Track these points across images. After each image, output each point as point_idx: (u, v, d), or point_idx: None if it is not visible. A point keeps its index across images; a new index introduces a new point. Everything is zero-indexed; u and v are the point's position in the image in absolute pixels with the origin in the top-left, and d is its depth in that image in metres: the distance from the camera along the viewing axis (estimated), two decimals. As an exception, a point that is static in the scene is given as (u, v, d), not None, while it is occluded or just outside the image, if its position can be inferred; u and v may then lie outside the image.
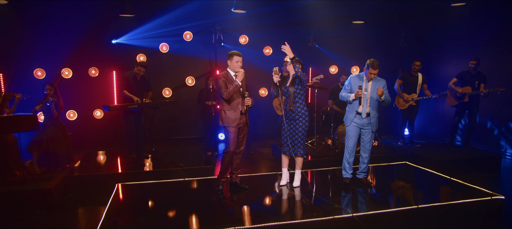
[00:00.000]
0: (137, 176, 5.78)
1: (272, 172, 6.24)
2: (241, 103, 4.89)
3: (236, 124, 4.88)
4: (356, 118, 5.18)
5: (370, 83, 5.12)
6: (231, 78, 4.85)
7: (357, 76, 5.22)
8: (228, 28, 9.00)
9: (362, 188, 5.21)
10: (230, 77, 4.85)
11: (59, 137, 5.80)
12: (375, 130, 5.22)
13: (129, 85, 6.45)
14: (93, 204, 5.14)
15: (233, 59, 4.84)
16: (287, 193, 5.09)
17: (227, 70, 4.91)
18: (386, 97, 5.09)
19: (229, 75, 4.87)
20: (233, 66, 4.86)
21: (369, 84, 5.13)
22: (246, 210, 4.50)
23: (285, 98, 5.03)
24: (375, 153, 6.98)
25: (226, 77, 4.84)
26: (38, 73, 8.02)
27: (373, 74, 5.02)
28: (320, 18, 9.16)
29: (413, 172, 6.22)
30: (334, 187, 5.47)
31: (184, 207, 4.62)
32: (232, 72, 4.89)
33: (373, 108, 5.16)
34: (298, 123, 5.02)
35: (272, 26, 9.08)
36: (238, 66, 4.84)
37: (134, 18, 8.41)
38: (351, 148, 5.27)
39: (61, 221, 4.61)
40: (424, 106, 9.13)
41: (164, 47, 8.81)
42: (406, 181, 5.89)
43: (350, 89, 5.21)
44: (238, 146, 5.01)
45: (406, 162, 6.63)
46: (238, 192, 5.04)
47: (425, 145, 8.00)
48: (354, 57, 9.69)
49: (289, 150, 5.04)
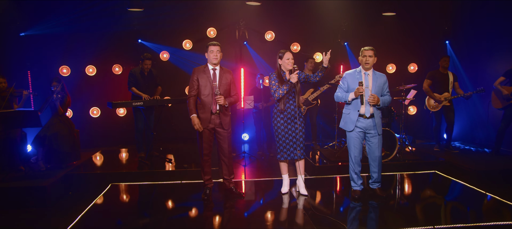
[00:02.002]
0: (135, 176, 5.60)
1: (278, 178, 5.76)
2: (213, 102, 4.46)
3: (206, 126, 4.47)
4: (359, 121, 4.51)
5: (371, 78, 4.47)
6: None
7: (353, 72, 4.58)
8: (253, 24, 8.63)
9: (376, 201, 4.57)
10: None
11: (64, 134, 5.74)
12: (380, 132, 4.52)
13: (137, 82, 6.27)
14: (88, 204, 4.96)
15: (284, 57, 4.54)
16: (286, 202, 4.60)
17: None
18: (382, 100, 4.46)
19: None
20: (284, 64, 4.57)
21: (369, 78, 4.48)
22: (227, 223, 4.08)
23: (288, 96, 4.54)
24: (405, 160, 6.24)
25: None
26: (64, 70, 8.16)
27: (368, 56, 4.38)
28: (347, 12, 8.53)
29: (441, 184, 5.44)
30: (343, 199, 4.85)
31: (159, 213, 4.33)
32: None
33: (376, 108, 4.49)
34: (299, 121, 4.54)
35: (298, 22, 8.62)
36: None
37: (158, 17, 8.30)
38: (356, 157, 4.59)
39: (44, 220, 4.41)
40: (468, 107, 8.18)
41: (188, 44, 8.63)
42: (431, 194, 5.12)
43: (347, 87, 4.57)
44: (209, 150, 4.62)
45: (435, 171, 5.84)
46: (232, 199, 4.64)
47: (465, 151, 7.05)
48: (387, 55, 8.89)
49: (292, 153, 4.55)
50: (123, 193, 5.14)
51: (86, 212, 4.39)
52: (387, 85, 4.53)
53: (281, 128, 4.55)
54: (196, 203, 4.60)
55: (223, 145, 4.60)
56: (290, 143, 4.55)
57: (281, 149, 4.60)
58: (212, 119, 4.48)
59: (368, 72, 4.49)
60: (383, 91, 4.50)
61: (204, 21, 8.56)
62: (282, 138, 4.57)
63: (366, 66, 4.43)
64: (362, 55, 4.45)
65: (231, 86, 4.63)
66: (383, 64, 8.96)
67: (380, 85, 4.45)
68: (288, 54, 4.50)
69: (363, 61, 4.43)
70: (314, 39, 8.75)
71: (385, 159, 6.05)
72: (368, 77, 4.47)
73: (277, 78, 4.54)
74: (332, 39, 8.73)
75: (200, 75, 4.47)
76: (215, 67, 4.51)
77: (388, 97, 4.52)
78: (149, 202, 4.85)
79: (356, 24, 8.66)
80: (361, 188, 4.70)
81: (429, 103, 6.95)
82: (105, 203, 4.78)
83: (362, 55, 4.44)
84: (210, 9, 8.45)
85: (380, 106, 4.42)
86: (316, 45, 8.72)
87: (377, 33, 8.73)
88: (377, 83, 4.43)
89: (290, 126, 4.54)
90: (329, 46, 6.12)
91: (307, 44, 8.77)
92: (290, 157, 4.57)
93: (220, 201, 4.66)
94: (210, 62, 4.48)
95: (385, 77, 4.53)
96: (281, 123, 4.55)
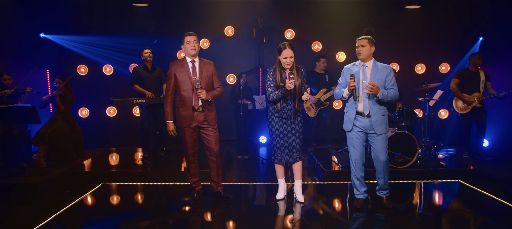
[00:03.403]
0: (129, 176, 5.42)
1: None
2: (194, 98, 4.10)
3: (188, 123, 4.10)
4: (357, 120, 4.00)
5: (369, 70, 3.95)
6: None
7: (352, 65, 4.09)
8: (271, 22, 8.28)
9: (383, 213, 4.03)
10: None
11: (65, 132, 5.65)
12: (380, 132, 3.95)
13: (140, 79, 6.08)
14: (96, 204, 4.77)
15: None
16: (278, 209, 4.18)
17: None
18: (385, 94, 3.87)
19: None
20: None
21: (367, 71, 3.96)
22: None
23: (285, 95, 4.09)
24: (426, 167, 5.60)
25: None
26: (81, 70, 8.20)
27: (361, 45, 3.90)
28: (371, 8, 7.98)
29: (464, 195, 4.81)
30: (346, 208, 4.33)
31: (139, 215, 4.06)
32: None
33: (376, 103, 3.94)
34: (297, 120, 4.13)
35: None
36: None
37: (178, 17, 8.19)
38: (356, 160, 4.08)
39: (25, 217, 4.24)
40: (504, 108, 7.34)
41: (205, 43, 8.43)
42: (450, 206, 4.49)
43: (345, 82, 4.07)
44: (194, 150, 4.26)
45: (459, 181, 5.19)
46: (220, 205, 4.28)
47: (499, 159, 6.26)
48: (415, 54, 8.22)
49: (287, 156, 4.14)
50: (110, 192, 4.96)
51: (65, 210, 4.21)
52: (391, 77, 3.96)
53: (276, 127, 4.15)
54: (179, 207, 4.34)
55: (209, 144, 4.25)
56: (284, 145, 4.13)
57: (276, 150, 4.19)
58: (194, 116, 4.13)
59: (367, 63, 3.99)
60: (386, 84, 3.94)
61: (222, 19, 8.33)
62: (276, 138, 4.16)
63: (358, 56, 3.96)
64: (356, 46, 3.98)
65: (214, 78, 4.27)
66: (411, 65, 8.31)
67: (381, 78, 3.91)
68: (286, 52, 3.99)
69: (357, 52, 3.96)
70: (337, 37, 8.26)
71: (403, 165, 5.48)
72: (367, 69, 3.97)
73: (274, 77, 4.12)
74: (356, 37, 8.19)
75: (177, 70, 4.12)
76: (194, 59, 4.15)
77: (393, 91, 3.93)
78: (134, 203, 4.64)
79: (380, 20, 8.08)
80: (365, 196, 4.18)
81: (457, 105, 6.26)
82: (87, 201, 4.62)
83: (356, 46, 3.98)
84: (227, 8, 8.24)
85: (380, 98, 3.85)
86: (339, 44, 8.23)
87: (402, 30, 8.12)
88: (378, 76, 3.90)
89: (286, 126, 4.12)
90: (352, 44, 5.64)
91: (329, 42, 8.30)
92: (284, 159, 4.15)
93: (207, 206, 4.32)
94: (188, 54, 4.13)
95: (390, 69, 3.98)
96: (276, 121, 4.15)
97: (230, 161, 6.88)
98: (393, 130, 5.58)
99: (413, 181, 5.29)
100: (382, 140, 3.98)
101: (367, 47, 3.91)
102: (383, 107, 3.99)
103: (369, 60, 3.98)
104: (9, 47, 6.98)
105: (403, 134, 5.51)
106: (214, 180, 4.36)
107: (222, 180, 4.46)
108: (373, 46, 3.95)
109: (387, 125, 4.02)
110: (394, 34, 8.21)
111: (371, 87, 3.79)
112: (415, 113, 5.84)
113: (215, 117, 4.24)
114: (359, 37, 4.01)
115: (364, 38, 3.95)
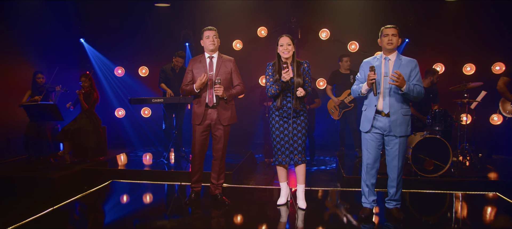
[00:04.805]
0: (135, 174, 5.46)
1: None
2: (209, 93, 3.93)
3: (200, 121, 3.94)
4: (377, 120, 3.58)
5: (392, 64, 3.51)
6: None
7: (373, 59, 3.68)
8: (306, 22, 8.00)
9: (392, 223, 3.59)
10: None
11: (88, 129, 5.82)
12: (400, 134, 3.50)
13: (167, 79, 6.15)
14: (89, 201, 4.83)
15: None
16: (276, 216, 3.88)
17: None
18: (411, 88, 3.40)
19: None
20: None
21: (389, 65, 3.52)
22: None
23: (285, 92, 3.82)
24: (460, 176, 4.98)
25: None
26: (119, 71, 8.53)
27: (391, 34, 3.45)
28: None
29: (497, 209, 4.17)
30: (351, 219, 3.88)
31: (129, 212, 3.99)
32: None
33: (398, 100, 3.49)
34: (300, 120, 3.83)
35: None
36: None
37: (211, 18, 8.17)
38: (369, 165, 3.66)
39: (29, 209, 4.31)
40: None
41: (238, 44, 8.36)
42: (477, 221, 3.88)
43: (364, 78, 3.65)
44: (203, 149, 4.08)
45: (496, 193, 4.51)
46: (218, 208, 4.07)
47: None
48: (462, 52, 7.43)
49: (287, 158, 3.85)
50: (115, 189, 4.99)
51: (65, 204, 4.31)
52: (416, 72, 3.50)
53: (276, 127, 3.88)
54: (173, 208, 4.25)
55: (216, 144, 4.07)
56: (285, 145, 3.85)
57: (276, 151, 3.91)
58: (208, 113, 3.97)
59: (390, 56, 3.56)
60: (411, 80, 3.49)
61: (255, 20, 8.21)
62: (276, 139, 3.89)
63: (388, 46, 3.49)
64: (383, 35, 3.52)
65: (233, 75, 4.08)
66: (458, 65, 7.52)
67: (404, 73, 3.45)
68: (283, 39, 3.74)
69: (385, 42, 3.49)
70: (374, 37, 7.71)
71: (434, 174, 4.91)
72: (389, 63, 3.54)
73: (273, 71, 3.86)
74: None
75: (195, 65, 4.02)
76: (212, 55, 4.02)
77: (419, 87, 3.47)
78: (133, 201, 4.62)
79: (421, 17, 7.44)
80: (373, 206, 3.75)
81: (505, 107, 5.51)
82: (92, 197, 4.67)
83: (383, 35, 3.52)
84: (260, 9, 8.11)
85: (405, 91, 3.38)
86: (377, 44, 7.67)
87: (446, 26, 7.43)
88: (401, 71, 3.45)
89: (287, 125, 3.83)
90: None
91: (367, 42, 7.80)
92: (285, 161, 3.86)
93: (203, 209, 4.15)
94: (207, 49, 4.00)
95: (415, 63, 3.52)
96: (276, 121, 3.88)
97: (253, 164, 6.69)
98: (423, 134, 5.04)
99: (444, 191, 4.71)
100: (401, 143, 3.54)
101: (397, 37, 3.51)
102: (406, 106, 3.54)
103: (392, 52, 3.58)
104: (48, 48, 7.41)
105: (434, 139, 4.95)
106: (213, 182, 4.17)
107: (223, 183, 4.28)
108: (400, 38, 3.55)
109: (408, 127, 3.57)
110: (437, 32, 7.50)
111: (397, 77, 3.35)
112: (451, 116, 5.24)
113: (231, 117, 4.04)
114: (386, 25, 3.57)
115: (394, 27, 3.52)
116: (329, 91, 6.64)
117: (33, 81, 6.00)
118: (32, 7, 6.94)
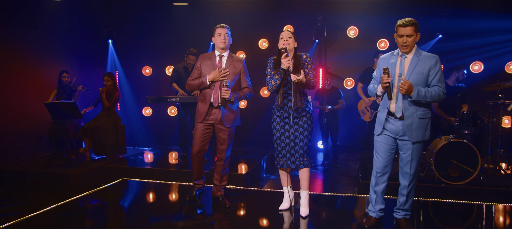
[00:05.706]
0: (146, 173, 5.50)
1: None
2: (215, 92, 3.83)
3: (202, 119, 3.84)
4: (389, 123, 3.29)
5: (408, 62, 3.19)
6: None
7: (389, 55, 3.34)
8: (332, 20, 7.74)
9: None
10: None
11: (107, 127, 5.94)
12: (416, 139, 3.18)
13: (179, 79, 6.12)
14: (102, 197, 4.85)
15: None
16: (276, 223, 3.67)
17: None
18: (422, 94, 3.09)
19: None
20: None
21: (405, 63, 3.20)
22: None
23: (285, 89, 3.63)
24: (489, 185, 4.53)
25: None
26: (146, 71, 8.69)
27: (406, 35, 3.09)
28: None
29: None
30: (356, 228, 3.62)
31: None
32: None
33: (413, 103, 3.17)
34: (303, 121, 3.62)
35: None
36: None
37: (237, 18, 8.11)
38: (378, 170, 3.38)
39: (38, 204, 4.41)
40: None
41: (264, 43, 8.23)
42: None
43: (380, 77, 3.33)
44: (202, 148, 3.96)
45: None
46: (219, 210, 3.95)
47: None
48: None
49: (289, 160, 3.66)
50: (124, 188, 5.00)
51: (75, 199, 4.38)
52: (436, 70, 3.14)
53: (276, 128, 3.70)
54: (171, 207, 4.20)
55: (219, 145, 3.98)
56: (286, 148, 3.65)
57: (277, 153, 3.73)
58: (212, 113, 3.88)
59: (407, 54, 3.24)
60: (430, 79, 3.17)
61: (281, 19, 8.06)
62: (277, 141, 3.71)
63: (404, 49, 3.18)
64: (398, 34, 3.18)
65: (241, 77, 3.96)
66: (499, 63, 6.89)
67: (421, 72, 3.14)
68: (283, 33, 3.58)
69: (401, 43, 3.16)
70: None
71: (460, 182, 4.51)
72: (405, 60, 3.22)
73: (274, 65, 3.69)
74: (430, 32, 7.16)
75: (204, 62, 3.93)
76: (222, 53, 3.91)
77: (437, 89, 3.13)
78: (136, 199, 4.64)
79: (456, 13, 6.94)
80: (379, 216, 3.47)
81: (543, 110, 4.96)
82: (100, 193, 4.71)
83: (398, 34, 3.18)
84: (286, 7, 7.95)
85: (414, 99, 3.10)
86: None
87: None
88: (417, 69, 3.14)
89: (288, 127, 3.64)
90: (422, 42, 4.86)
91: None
92: (286, 165, 3.67)
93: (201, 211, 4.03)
94: (217, 47, 3.89)
95: (435, 60, 3.16)
96: (277, 122, 3.70)
97: (271, 166, 6.54)
98: (448, 138, 4.64)
99: (471, 202, 4.26)
100: (415, 149, 3.23)
101: (414, 37, 3.14)
102: (423, 108, 3.21)
103: (411, 51, 3.24)
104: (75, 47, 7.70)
105: (460, 144, 4.54)
106: (216, 184, 4.07)
107: (226, 185, 4.17)
108: (418, 33, 3.18)
109: (427, 131, 3.24)
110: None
111: (402, 85, 3.07)
112: (481, 119, 4.79)
113: (234, 119, 3.94)
114: (401, 21, 3.17)
115: (410, 24, 3.11)
116: (360, 90, 6.21)
117: (59, 80, 6.23)
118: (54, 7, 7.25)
